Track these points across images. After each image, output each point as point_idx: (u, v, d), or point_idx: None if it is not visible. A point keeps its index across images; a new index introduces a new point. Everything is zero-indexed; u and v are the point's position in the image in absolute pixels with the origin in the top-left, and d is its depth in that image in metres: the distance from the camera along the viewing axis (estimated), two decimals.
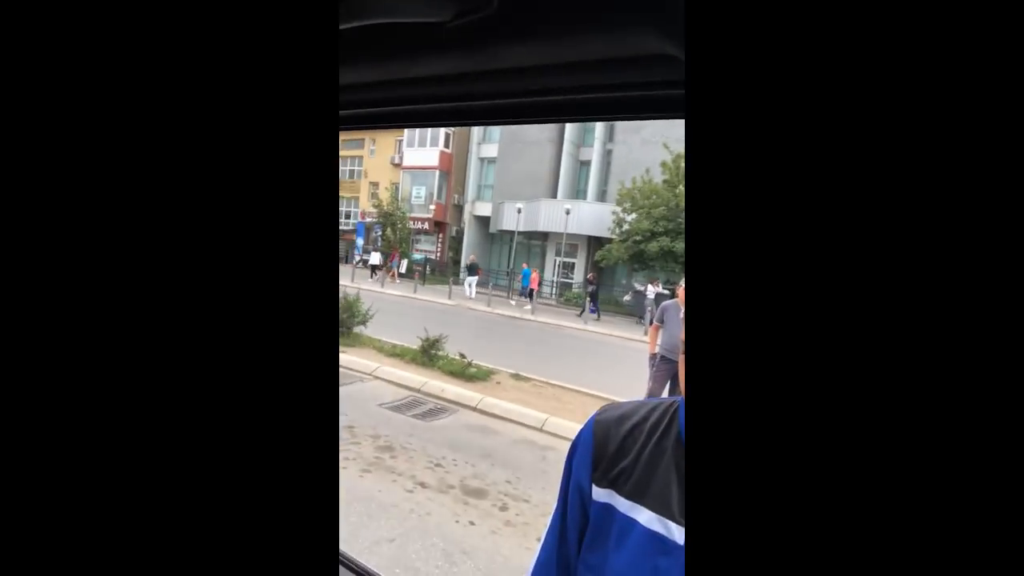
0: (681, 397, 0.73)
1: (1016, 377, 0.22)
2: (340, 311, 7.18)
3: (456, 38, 0.49)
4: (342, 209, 26.40)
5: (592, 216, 17.71)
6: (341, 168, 25.86)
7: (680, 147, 14.79)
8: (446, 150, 23.10)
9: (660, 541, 0.66)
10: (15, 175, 0.26)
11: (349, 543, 2.64)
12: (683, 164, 14.04)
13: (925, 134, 0.23)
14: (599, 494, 0.72)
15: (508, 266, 20.03)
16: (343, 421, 4.36)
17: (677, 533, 0.65)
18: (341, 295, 7.46)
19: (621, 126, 18.66)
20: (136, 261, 0.27)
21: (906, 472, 0.23)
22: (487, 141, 22.72)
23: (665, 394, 4.22)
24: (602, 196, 19.18)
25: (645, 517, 0.67)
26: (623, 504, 0.70)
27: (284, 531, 0.27)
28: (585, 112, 0.57)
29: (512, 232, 19.46)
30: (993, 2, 0.22)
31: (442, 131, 22.90)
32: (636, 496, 0.69)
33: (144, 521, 0.26)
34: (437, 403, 5.31)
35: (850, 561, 0.24)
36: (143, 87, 0.27)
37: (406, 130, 23.49)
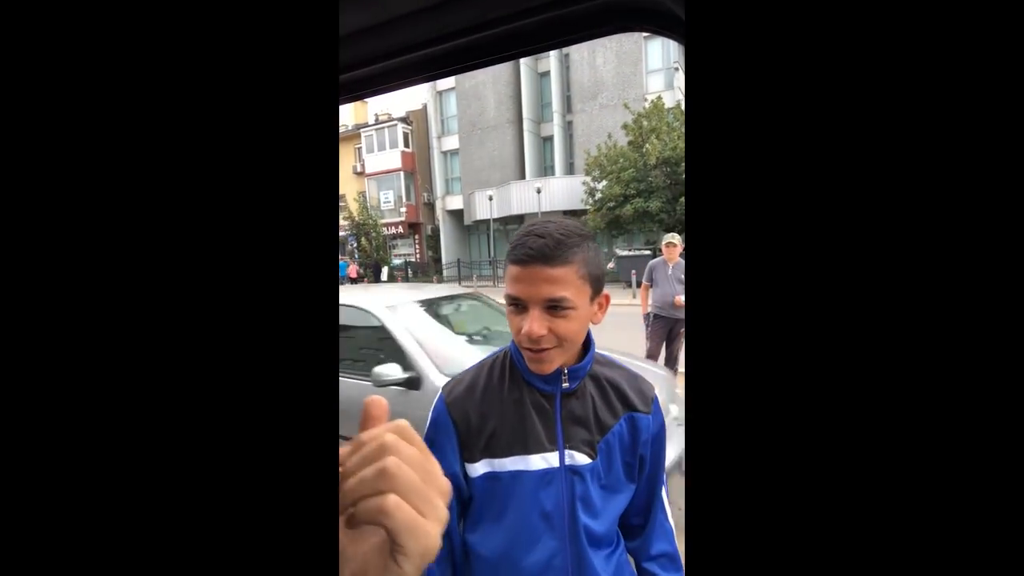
0: (505, 346, 0.82)
1: (1016, 378, 0.22)
2: None
3: None
4: None
5: (563, 191, 17.65)
6: None
7: (639, 106, 14.74)
8: (407, 150, 22.79)
9: (545, 475, 0.75)
10: (13, 175, 0.26)
11: None
12: (645, 123, 14.01)
13: (927, 131, 0.23)
14: (476, 469, 0.76)
15: (489, 255, 19.93)
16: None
17: (554, 459, 0.75)
18: None
19: (577, 96, 18.53)
20: (132, 264, 0.27)
21: (903, 476, 0.23)
22: (446, 133, 22.46)
23: (662, 350, 4.21)
24: (570, 169, 19.11)
25: (533, 460, 0.75)
26: (504, 464, 0.75)
27: (283, 541, 0.27)
28: (554, 34, 0.54)
29: (487, 221, 19.34)
30: (993, 2, 0.22)
31: (400, 131, 22.58)
32: (517, 449, 0.75)
33: (141, 531, 0.26)
34: None
35: (849, 561, 0.24)
36: (135, 88, 0.27)
37: (364, 136, 23.16)
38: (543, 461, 0.75)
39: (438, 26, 0.52)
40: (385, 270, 19.92)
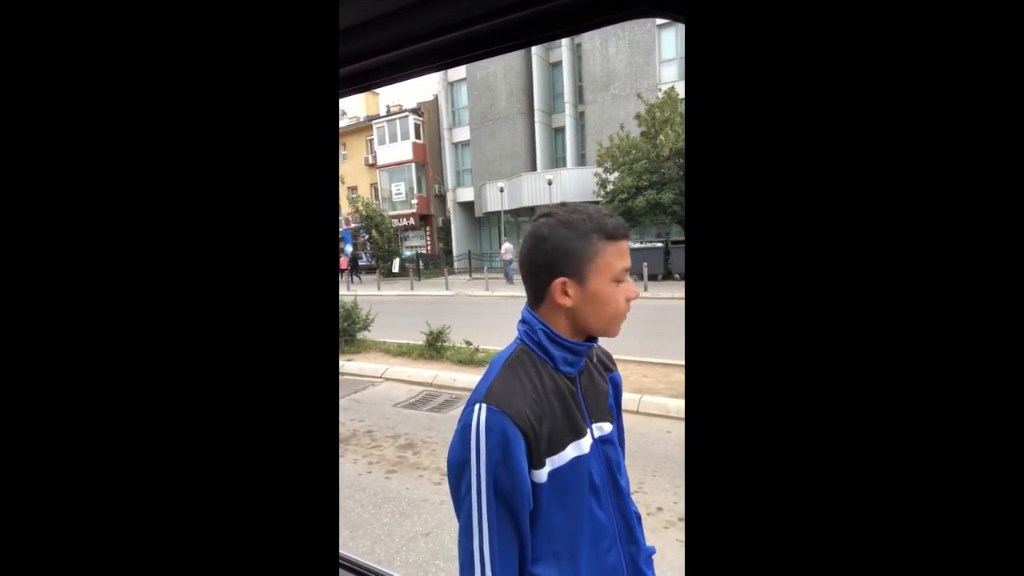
0: (515, 342, 0.83)
1: (1013, 379, 0.22)
2: (340, 319, 7.13)
3: None
4: None
5: (575, 182, 17.54)
6: None
7: (652, 96, 14.58)
8: (418, 141, 22.76)
9: (590, 451, 0.78)
10: (17, 176, 0.26)
11: (385, 543, 2.64)
12: (658, 114, 13.86)
13: (925, 132, 0.23)
14: (541, 475, 0.74)
15: (500, 247, 19.92)
16: (362, 427, 4.35)
17: (587, 435, 0.79)
18: (340, 303, 7.39)
19: (589, 86, 18.37)
20: (136, 264, 0.27)
21: (899, 475, 0.23)
22: (457, 125, 22.38)
23: None
24: (582, 160, 18.99)
25: (583, 444, 0.78)
26: (564, 456, 0.76)
27: (285, 535, 0.27)
28: (564, 23, 0.53)
29: (498, 213, 19.31)
30: (993, 2, 0.22)
31: (411, 123, 22.55)
32: (570, 437, 0.77)
33: (149, 525, 0.26)
34: (451, 394, 5.30)
35: (848, 559, 0.24)
36: (136, 89, 0.27)
37: (375, 128, 23.18)
38: (587, 440, 0.79)
39: (447, 15, 0.53)
40: (396, 262, 20.00)
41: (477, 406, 0.73)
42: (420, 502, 3.06)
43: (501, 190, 18.48)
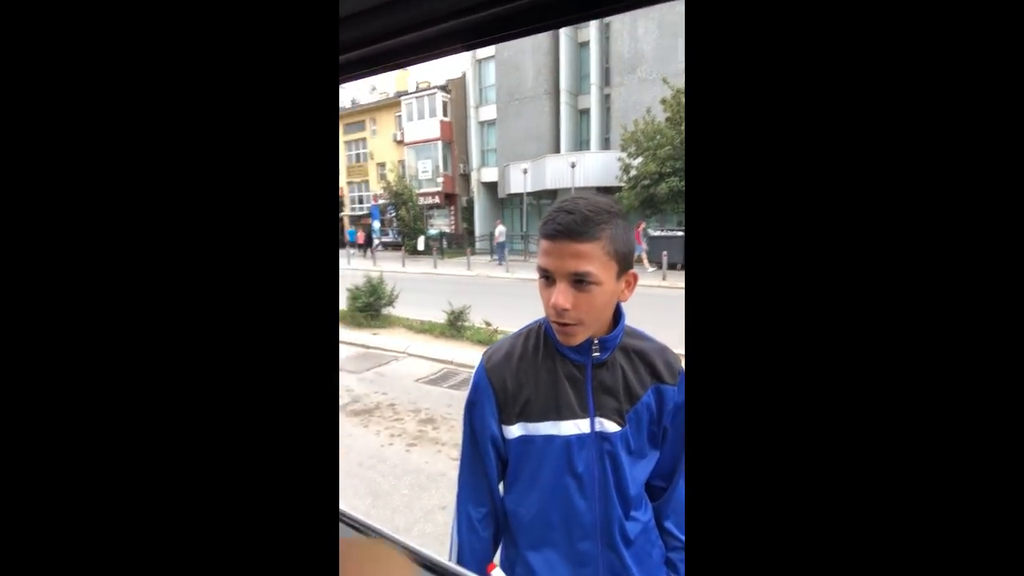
0: (542, 317, 0.85)
1: (1015, 379, 0.22)
2: (367, 295, 7.31)
3: None
4: (355, 194, 26.34)
5: (598, 166, 17.38)
6: (348, 153, 25.64)
7: (680, 81, 14.31)
8: (445, 119, 22.71)
9: (577, 440, 0.81)
10: (16, 175, 0.26)
11: (404, 513, 2.80)
12: (684, 99, 13.58)
13: (926, 132, 0.23)
14: (512, 431, 0.83)
15: (522, 230, 19.94)
16: (385, 399, 4.57)
17: (585, 426, 0.81)
18: (366, 279, 7.61)
19: (616, 68, 18.07)
20: (134, 255, 0.27)
21: (902, 475, 0.23)
22: (484, 103, 22.23)
23: None
24: (606, 144, 18.77)
25: (565, 426, 0.81)
26: (538, 428, 0.81)
27: (284, 491, 0.27)
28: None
29: (521, 194, 19.28)
30: (993, 2, 0.22)
31: (439, 100, 22.47)
32: (552, 415, 0.81)
33: (148, 494, 0.26)
34: (470, 372, 5.48)
35: (848, 559, 0.24)
36: (135, 83, 0.27)
37: (404, 104, 23.16)
38: (575, 427, 0.80)
39: None
40: (421, 240, 20.20)
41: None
42: (438, 476, 3.20)
43: (524, 172, 18.40)
